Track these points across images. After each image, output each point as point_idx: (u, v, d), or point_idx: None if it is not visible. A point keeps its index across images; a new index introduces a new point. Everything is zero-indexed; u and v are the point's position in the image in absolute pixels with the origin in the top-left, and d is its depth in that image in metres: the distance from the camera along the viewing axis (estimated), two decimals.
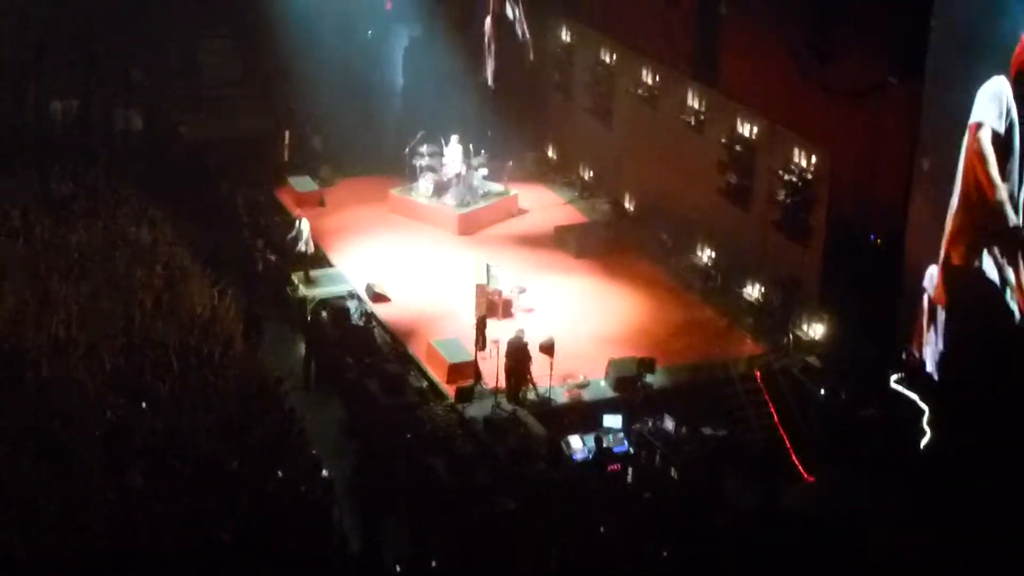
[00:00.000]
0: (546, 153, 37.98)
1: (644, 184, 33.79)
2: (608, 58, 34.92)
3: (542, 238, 33.57)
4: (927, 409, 24.95)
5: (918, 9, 24.42)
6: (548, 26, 36.30)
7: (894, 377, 25.75)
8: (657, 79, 32.92)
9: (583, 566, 20.79)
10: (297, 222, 31.21)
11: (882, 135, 26.67)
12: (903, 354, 25.81)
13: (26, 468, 20.67)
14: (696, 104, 31.39)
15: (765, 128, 29.30)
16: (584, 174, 36.42)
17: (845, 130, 27.23)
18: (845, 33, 26.39)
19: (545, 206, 35.65)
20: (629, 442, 24.47)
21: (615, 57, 34.67)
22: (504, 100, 36.54)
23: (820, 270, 27.78)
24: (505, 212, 34.78)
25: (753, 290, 29.40)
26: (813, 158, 27.81)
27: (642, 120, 33.56)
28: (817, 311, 27.61)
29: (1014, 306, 23.37)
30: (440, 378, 26.62)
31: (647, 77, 33.14)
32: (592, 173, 36.19)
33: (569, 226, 33.94)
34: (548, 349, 26.18)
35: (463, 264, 30.55)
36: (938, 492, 23.23)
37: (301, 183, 35.19)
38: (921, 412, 24.95)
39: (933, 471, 24.07)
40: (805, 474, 24.93)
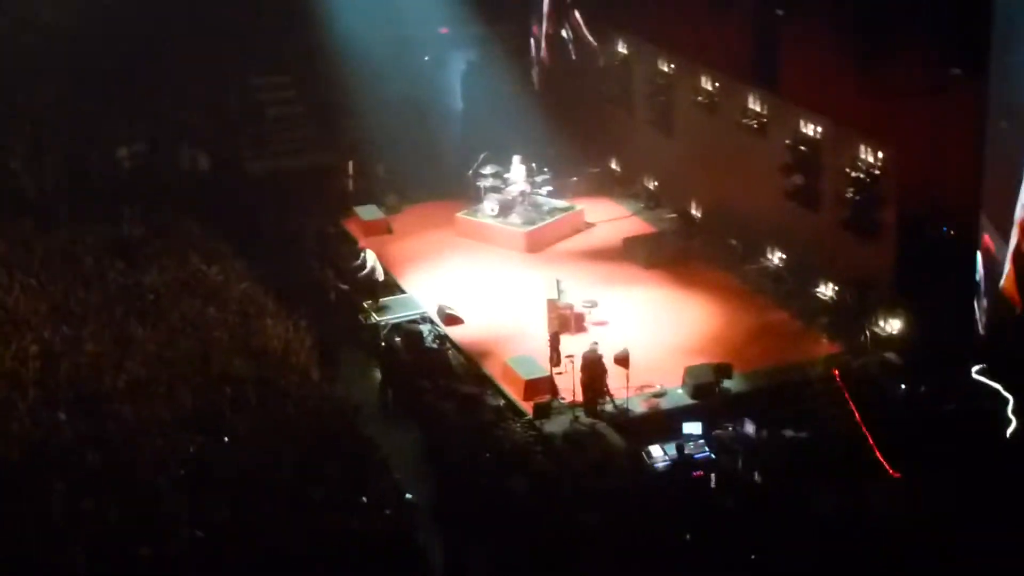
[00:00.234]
0: (609, 166, 37.95)
1: (709, 191, 33.67)
2: (666, 68, 34.86)
3: (610, 251, 33.49)
4: (1011, 398, 24.62)
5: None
6: (605, 40, 36.29)
7: (975, 368, 25.45)
8: (716, 86, 32.85)
9: None
10: (362, 253, 31.38)
11: (948, 128, 26.43)
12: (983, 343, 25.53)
13: (114, 518, 20.78)
14: (757, 108, 31.27)
15: (829, 128, 29.11)
16: (649, 185, 36.35)
17: (910, 126, 27.01)
18: (906, 29, 26.18)
19: (611, 219, 35.60)
20: (710, 448, 24.34)
21: (673, 67, 34.62)
22: (565, 116, 36.58)
23: (893, 265, 27.51)
24: (572, 227, 34.77)
25: (826, 290, 29.20)
26: (879, 154, 27.59)
27: (703, 128, 33.44)
28: (893, 307, 27.31)
29: None
30: (517, 396, 26.59)
31: (706, 84, 33.06)
32: (657, 183, 36.11)
33: (637, 237, 33.84)
34: (623, 361, 26.08)
35: (533, 281, 30.60)
36: None
37: (368, 212, 35.39)
38: (1006, 401, 24.62)
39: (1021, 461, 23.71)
40: (891, 471, 24.65)
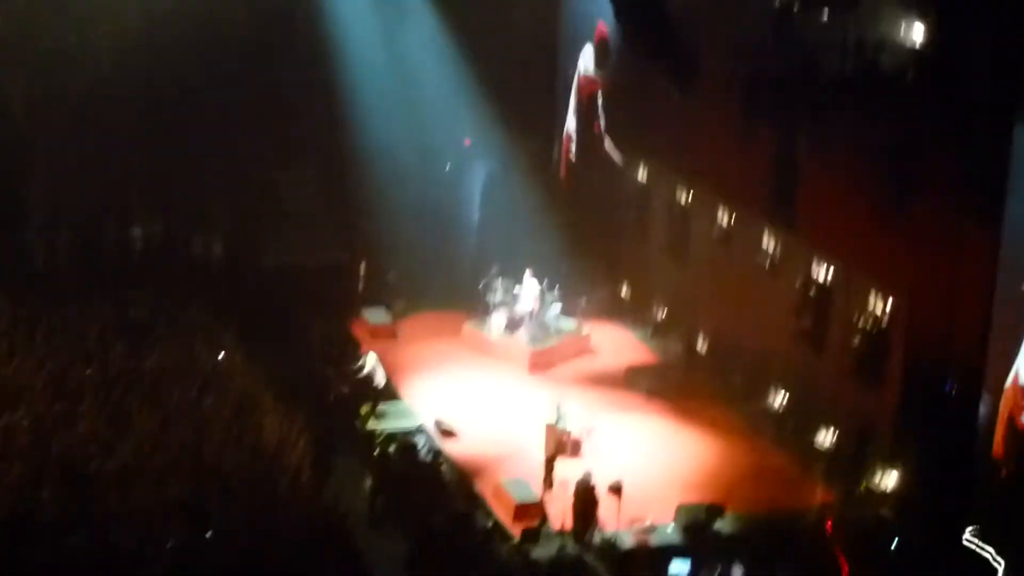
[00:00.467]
0: (619, 291, 37.99)
1: (717, 325, 33.63)
2: (684, 198, 35.02)
3: (613, 377, 33.37)
4: (1001, 565, 24.33)
5: (997, 152, 24.34)
6: (626, 164, 36.49)
7: (968, 530, 25.20)
8: (733, 221, 32.96)
9: None
10: (363, 357, 31.31)
11: (960, 280, 26.38)
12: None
13: None
14: (771, 247, 31.33)
15: (841, 273, 29.14)
16: (657, 313, 36.34)
17: (923, 275, 26.95)
18: (923, 177, 26.27)
19: (617, 344, 35.56)
20: None
21: (691, 197, 34.78)
22: (580, 236, 36.73)
23: (894, 418, 27.33)
24: (577, 350, 34.72)
25: (826, 437, 29.02)
26: (889, 304, 27.58)
27: (716, 261, 33.49)
28: (891, 460, 27.10)
29: None
30: (506, 518, 26.37)
31: (723, 219, 33.19)
32: (665, 312, 36.10)
33: (641, 367, 33.78)
34: (616, 491, 25.93)
35: (533, 402, 30.45)
36: None
37: (375, 315, 35.43)
38: (994, 571, 24.34)
39: None
40: None
